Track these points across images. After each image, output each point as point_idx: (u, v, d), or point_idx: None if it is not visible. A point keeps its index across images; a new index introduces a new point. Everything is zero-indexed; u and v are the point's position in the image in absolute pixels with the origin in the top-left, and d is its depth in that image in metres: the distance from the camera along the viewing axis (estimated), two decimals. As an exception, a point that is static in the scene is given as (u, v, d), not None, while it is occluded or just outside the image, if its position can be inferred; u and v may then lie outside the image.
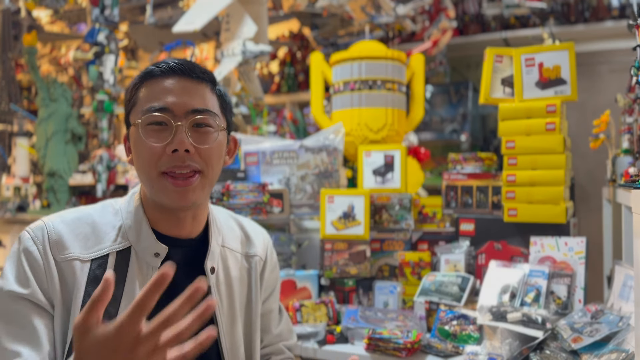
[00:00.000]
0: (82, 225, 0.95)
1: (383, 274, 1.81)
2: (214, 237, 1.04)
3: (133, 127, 0.95)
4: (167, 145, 0.91)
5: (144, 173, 0.94)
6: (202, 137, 0.94)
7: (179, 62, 0.96)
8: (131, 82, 0.99)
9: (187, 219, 0.99)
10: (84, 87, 3.63)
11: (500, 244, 1.66)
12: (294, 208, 1.94)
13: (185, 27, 2.18)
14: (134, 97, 0.96)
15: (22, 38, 3.07)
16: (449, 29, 2.74)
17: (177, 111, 0.92)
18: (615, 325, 1.25)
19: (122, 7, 3.14)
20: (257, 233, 1.18)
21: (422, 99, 2.22)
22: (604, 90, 2.79)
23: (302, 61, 3.49)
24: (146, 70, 0.96)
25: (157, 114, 0.92)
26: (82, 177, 3.13)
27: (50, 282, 0.88)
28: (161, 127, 0.92)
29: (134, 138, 0.95)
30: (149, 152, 0.92)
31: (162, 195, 0.93)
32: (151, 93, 0.94)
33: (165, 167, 0.92)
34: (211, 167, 0.96)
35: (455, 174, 1.79)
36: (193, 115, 0.93)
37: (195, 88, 0.95)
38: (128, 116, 0.98)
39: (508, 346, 1.31)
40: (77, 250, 0.92)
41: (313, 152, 1.97)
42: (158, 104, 0.92)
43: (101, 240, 0.94)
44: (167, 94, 0.93)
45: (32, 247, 0.89)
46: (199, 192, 0.95)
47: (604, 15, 2.69)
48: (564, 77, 1.60)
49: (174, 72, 0.94)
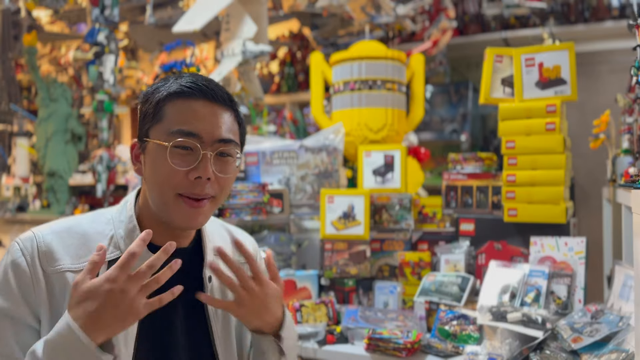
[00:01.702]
0: (72, 235, 0.95)
1: (383, 274, 1.81)
2: (209, 246, 1.05)
3: (155, 144, 0.93)
4: (191, 170, 0.92)
5: (159, 191, 0.94)
6: (224, 167, 0.96)
7: (208, 85, 0.95)
8: (152, 93, 0.97)
9: (183, 232, 1.01)
10: (84, 87, 3.63)
11: (500, 244, 1.66)
12: (294, 208, 1.94)
13: (185, 27, 2.18)
14: (159, 112, 0.94)
15: (22, 38, 3.07)
16: (449, 29, 2.73)
17: (206, 138, 0.93)
18: (615, 325, 1.25)
19: (122, 7, 3.13)
20: (246, 241, 1.18)
21: (422, 99, 2.22)
22: (604, 90, 2.79)
23: (302, 61, 3.49)
24: (175, 88, 0.95)
25: (186, 140, 0.91)
26: (82, 177, 3.14)
27: (37, 295, 0.88)
28: (187, 152, 0.92)
29: (155, 155, 0.94)
30: (170, 173, 0.92)
31: (175, 215, 0.94)
32: (179, 114, 0.93)
33: (183, 190, 0.92)
34: (225, 193, 0.99)
35: (455, 174, 1.79)
36: (220, 145, 0.94)
37: (223, 115, 0.96)
38: (148, 130, 0.95)
39: (508, 346, 1.31)
40: (67, 262, 0.91)
41: (313, 152, 1.97)
42: (188, 128, 0.92)
43: (92, 250, 0.92)
44: (197, 119, 0.93)
45: (20, 258, 0.89)
46: (208, 214, 0.97)
47: (604, 15, 2.69)
48: (564, 77, 1.60)
49: (204, 94, 0.94)
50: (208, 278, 1.02)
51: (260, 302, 0.95)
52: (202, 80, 0.96)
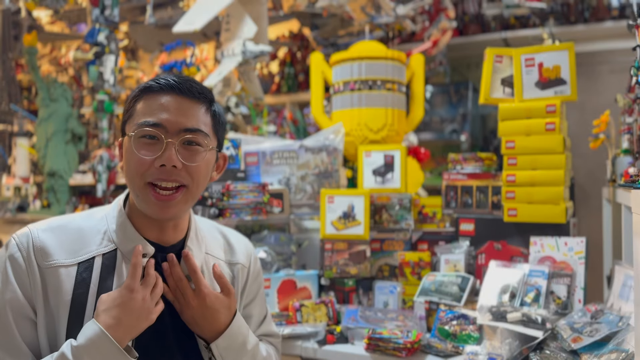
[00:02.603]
0: (67, 231, 0.99)
1: (383, 274, 1.81)
2: (194, 245, 1.08)
3: (127, 137, 0.99)
4: (157, 159, 0.96)
5: (130, 181, 0.98)
6: (191, 155, 0.99)
7: (178, 80, 0.99)
8: (131, 93, 1.03)
9: (169, 227, 1.04)
10: (84, 87, 3.63)
11: (500, 244, 1.66)
12: (294, 208, 1.94)
13: (185, 27, 2.18)
14: (131, 108, 1.00)
15: (22, 38, 3.07)
16: (449, 29, 2.74)
17: (170, 128, 0.97)
18: (615, 325, 1.25)
19: (122, 7, 3.14)
20: (239, 242, 1.22)
21: (422, 99, 2.22)
22: (604, 90, 2.79)
23: (302, 61, 3.49)
24: (146, 84, 1.00)
25: (149, 129, 0.96)
26: (82, 177, 3.13)
27: (33, 288, 0.92)
28: (153, 141, 0.97)
29: (126, 148, 0.99)
30: (137, 162, 0.96)
31: (145, 205, 0.98)
32: (147, 108, 0.98)
33: (151, 178, 0.96)
34: (197, 183, 1.01)
35: (455, 174, 1.79)
36: (185, 133, 0.97)
37: (190, 108, 0.99)
38: (124, 125, 1.02)
39: (508, 346, 1.31)
40: (61, 257, 0.95)
41: (313, 152, 1.97)
42: (152, 119, 0.96)
43: (87, 244, 0.98)
44: (162, 111, 0.97)
45: (17, 253, 0.93)
46: (181, 205, 1.00)
47: (604, 15, 2.69)
48: (564, 77, 1.60)
49: (172, 89, 0.98)
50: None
51: (198, 313, 1.01)
52: (174, 77, 1.00)
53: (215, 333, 1.02)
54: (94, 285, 0.96)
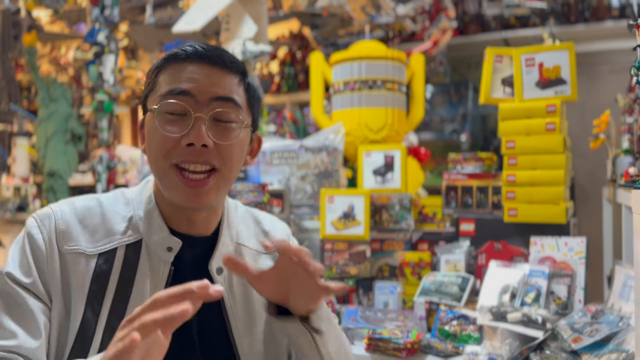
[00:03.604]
0: (91, 215, 0.89)
1: (383, 274, 1.81)
2: (226, 236, 0.95)
3: (150, 113, 0.86)
4: (183, 136, 0.83)
5: (154, 163, 0.86)
6: (223, 133, 0.85)
7: (207, 48, 0.87)
8: (153, 65, 0.90)
9: (200, 218, 0.92)
10: (83, 87, 3.63)
11: (500, 244, 1.66)
12: (294, 208, 1.94)
13: (185, 27, 2.18)
14: (153, 80, 0.88)
15: (22, 38, 3.08)
16: (449, 29, 2.74)
17: (199, 97, 0.83)
18: (616, 326, 1.25)
19: (122, 7, 3.14)
20: (275, 228, 1.09)
21: (422, 99, 2.21)
22: (604, 90, 2.79)
23: (302, 61, 3.49)
24: (170, 52, 0.88)
25: (174, 101, 0.83)
26: (82, 177, 3.14)
27: (51, 274, 0.83)
28: (179, 117, 0.83)
29: (148, 125, 0.87)
30: (161, 141, 0.84)
31: (172, 192, 0.85)
32: (172, 78, 0.85)
33: (177, 159, 0.83)
34: (230, 166, 0.87)
35: (455, 174, 1.79)
36: (216, 103, 0.84)
37: (222, 77, 0.86)
38: (145, 101, 0.90)
39: (508, 346, 1.31)
40: (83, 243, 0.86)
41: (313, 152, 1.97)
42: (178, 87, 0.83)
43: (110, 232, 0.88)
44: (190, 80, 0.84)
45: (38, 234, 0.84)
46: (214, 193, 0.87)
47: (604, 15, 2.69)
48: (564, 77, 1.60)
49: (201, 57, 0.85)
50: (216, 270, 0.92)
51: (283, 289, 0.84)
52: (202, 45, 0.87)
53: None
54: (113, 281, 0.85)
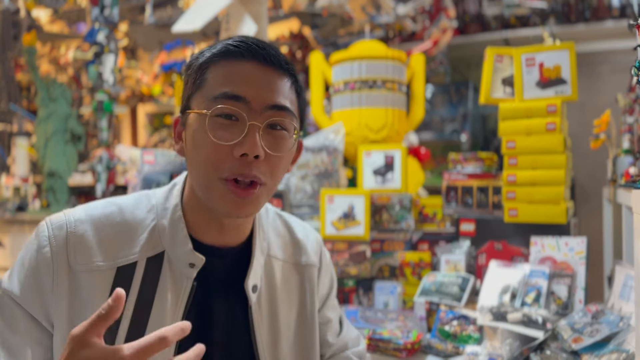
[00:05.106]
0: (110, 224, 0.81)
1: (383, 274, 1.81)
2: (258, 249, 0.89)
3: (195, 114, 0.78)
4: (236, 145, 0.75)
5: (201, 175, 0.79)
6: (276, 143, 0.79)
7: (261, 45, 0.79)
8: (195, 59, 0.82)
9: (231, 227, 0.85)
10: (83, 87, 3.63)
11: (500, 244, 1.66)
12: (294, 208, 1.94)
13: (185, 27, 2.18)
14: (200, 77, 0.79)
15: (22, 38, 3.08)
16: (449, 29, 2.73)
17: (255, 104, 0.76)
18: (616, 326, 1.24)
19: (122, 6, 3.13)
20: (307, 237, 1.02)
21: (422, 99, 2.21)
22: (605, 90, 2.79)
23: (302, 61, 3.48)
24: (221, 47, 0.79)
25: (228, 107, 0.76)
26: (81, 177, 3.14)
27: (56, 294, 0.75)
28: (231, 122, 0.76)
29: (195, 128, 0.78)
30: (212, 151, 0.76)
31: (219, 202, 0.78)
32: (225, 76, 0.77)
33: (227, 173, 0.76)
34: (276, 179, 0.81)
35: (455, 174, 1.79)
36: (271, 112, 0.78)
37: (277, 81, 0.79)
38: (189, 100, 0.81)
39: (508, 346, 1.31)
40: (99, 257, 0.78)
41: (313, 152, 1.96)
42: (232, 90, 0.76)
43: (130, 244, 0.80)
44: (246, 82, 0.77)
45: (46, 248, 0.76)
46: (256, 204, 0.80)
47: (605, 15, 2.69)
48: (565, 77, 1.60)
49: (256, 56, 0.78)
50: (252, 288, 0.86)
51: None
52: (255, 41, 0.80)
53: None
54: (131, 301, 0.78)
